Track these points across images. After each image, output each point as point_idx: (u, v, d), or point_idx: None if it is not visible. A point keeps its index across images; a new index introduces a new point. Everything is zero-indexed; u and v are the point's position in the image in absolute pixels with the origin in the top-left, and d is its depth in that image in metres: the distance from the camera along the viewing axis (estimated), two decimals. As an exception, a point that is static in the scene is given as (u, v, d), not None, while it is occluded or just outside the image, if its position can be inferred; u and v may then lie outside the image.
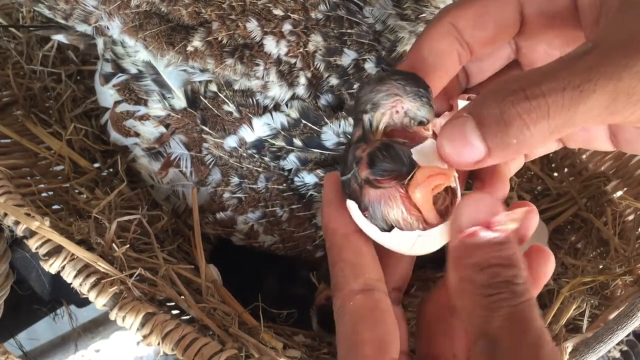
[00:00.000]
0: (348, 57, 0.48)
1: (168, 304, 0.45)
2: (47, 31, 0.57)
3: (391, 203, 0.27)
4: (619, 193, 0.67)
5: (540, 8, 0.29)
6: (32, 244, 0.42)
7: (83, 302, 0.57)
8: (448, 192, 0.28)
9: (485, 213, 0.25)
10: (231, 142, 0.50)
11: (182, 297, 0.45)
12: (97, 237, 0.44)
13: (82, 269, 0.41)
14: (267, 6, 0.48)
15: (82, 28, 0.54)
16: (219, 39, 0.48)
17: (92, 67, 0.64)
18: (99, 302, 0.41)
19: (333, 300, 0.28)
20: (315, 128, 0.48)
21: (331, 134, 0.48)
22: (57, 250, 0.42)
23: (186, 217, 0.56)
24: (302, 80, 0.48)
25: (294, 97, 0.49)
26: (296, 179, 0.50)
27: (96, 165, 0.60)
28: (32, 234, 0.42)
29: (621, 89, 0.24)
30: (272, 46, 0.48)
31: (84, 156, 0.58)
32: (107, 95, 0.55)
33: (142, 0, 0.50)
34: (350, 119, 0.48)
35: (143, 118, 0.53)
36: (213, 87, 0.50)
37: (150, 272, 0.44)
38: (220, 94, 0.50)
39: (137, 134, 0.54)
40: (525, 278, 0.24)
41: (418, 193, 0.27)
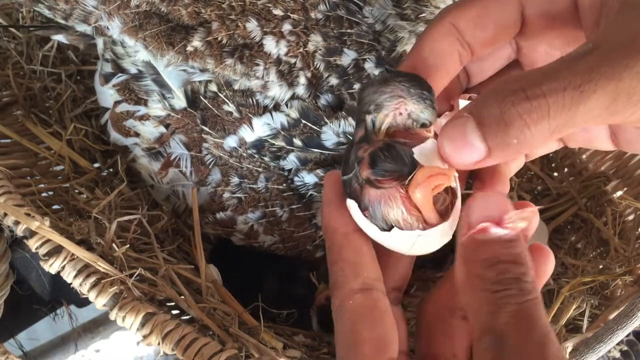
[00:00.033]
0: (348, 57, 0.48)
1: (168, 304, 0.45)
2: (47, 31, 0.57)
3: (391, 203, 0.27)
4: (619, 193, 0.67)
5: (541, 8, 0.29)
6: (32, 244, 0.42)
7: (83, 302, 0.57)
8: (448, 192, 0.28)
9: (496, 210, 0.25)
10: (231, 142, 0.50)
11: (182, 297, 0.45)
12: (97, 237, 0.44)
13: (82, 269, 0.41)
14: (267, 6, 0.48)
15: (82, 28, 0.54)
16: (219, 39, 0.48)
17: (92, 67, 0.64)
18: (99, 302, 0.41)
19: (332, 299, 0.28)
20: (315, 128, 0.48)
21: (331, 134, 0.48)
22: (57, 250, 0.42)
23: (186, 217, 0.56)
24: (302, 80, 0.48)
25: (294, 97, 0.49)
26: (296, 179, 0.50)
27: (96, 165, 0.60)
28: (32, 234, 0.42)
29: (621, 90, 0.24)
30: (272, 46, 0.48)
31: (84, 156, 0.58)
32: (107, 95, 0.55)
33: (142, 0, 0.50)
34: (350, 119, 0.48)
35: (143, 118, 0.53)
36: (213, 87, 0.50)
37: (150, 272, 0.44)
38: (220, 94, 0.50)
39: (137, 134, 0.54)
40: (532, 276, 0.24)
41: (418, 193, 0.27)
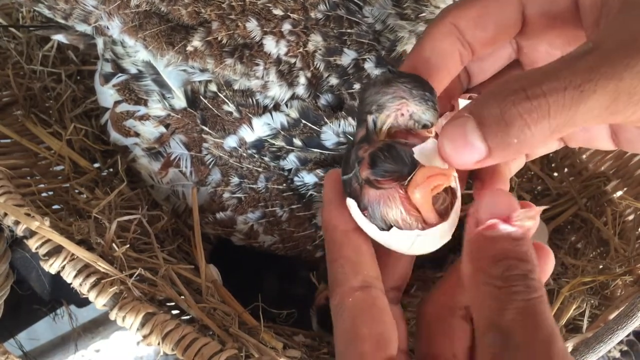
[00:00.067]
0: (348, 57, 0.48)
1: (168, 304, 0.45)
2: (47, 31, 0.57)
3: (390, 203, 0.27)
4: (619, 193, 0.67)
5: (541, 8, 0.29)
6: (32, 244, 0.42)
7: (83, 302, 0.57)
8: (448, 193, 0.28)
9: (504, 208, 0.25)
10: (231, 142, 0.50)
11: (182, 297, 0.45)
12: (97, 237, 0.44)
13: (82, 269, 0.41)
14: (267, 6, 0.48)
15: (82, 28, 0.54)
16: (219, 39, 0.48)
17: (92, 67, 0.64)
18: (99, 302, 0.41)
19: (331, 297, 0.28)
20: (315, 128, 0.48)
21: (331, 134, 0.48)
22: (57, 250, 0.42)
23: (186, 217, 0.56)
24: (302, 80, 0.48)
25: (294, 97, 0.49)
26: (296, 179, 0.50)
27: (96, 165, 0.60)
28: (32, 234, 0.42)
29: (622, 89, 0.24)
30: (272, 46, 0.48)
31: (84, 156, 0.58)
32: (107, 95, 0.55)
33: (142, 0, 0.50)
34: (350, 119, 0.48)
35: (143, 118, 0.53)
36: (213, 87, 0.50)
37: (150, 272, 0.44)
38: (220, 94, 0.50)
39: (137, 134, 0.54)
40: (539, 275, 0.24)
41: (417, 193, 0.27)
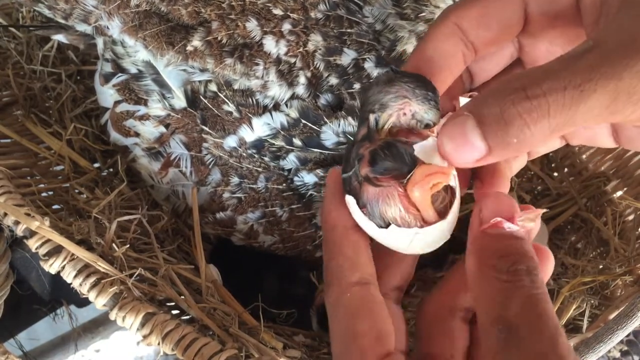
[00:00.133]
0: (348, 57, 0.48)
1: (168, 304, 0.45)
2: (47, 31, 0.57)
3: (389, 201, 0.27)
4: (619, 193, 0.67)
5: (543, 7, 0.29)
6: (32, 244, 0.42)
7: (83, 302, 0.57)
8: (447, 192, 0.28)
9: (507, 209, 0.26)
10: (231, 142, 0.50)
11: (182, 297, 0.45)
12: (97, 237, 0.44)
13: (82, 269, 0.41)
14: (267, 6, 0.48)
15: (82, 28, 0.54)
16: (219, 39, 0.48)
17: (92, 67, 0.64)
18: (99, 302, 0.41)
19: (327, 293, 0.28)
20: (314, 128, 0.48)
21: (331, 134, 0.48)
22: (57, 250, 0.42)
23: (186, 217, 0.56)
24: (302, 79, 0.48)
25: (294, 97, 0.49)
26: (296, 179, 0.50)
27: (96, 165, 0.60)
28: (32, 234, 0.42)
29: (622, 89, 0.24)
30: (272, 46, 0.48)
31: (84, 156, 0.58)
32: (107, 95, 0.55)
33: (142, 0, 0.50)
34: (349, 119, 0.48)
35: (143, 118, 0.53)
36: (213, 87, 0.50)
37: (150, 272, 0.44)
38: (220, 94, 0.50)
39: (137, 134, 0.54)
40: (541, 274, 0.25)
41: (416, 191, 0.27)
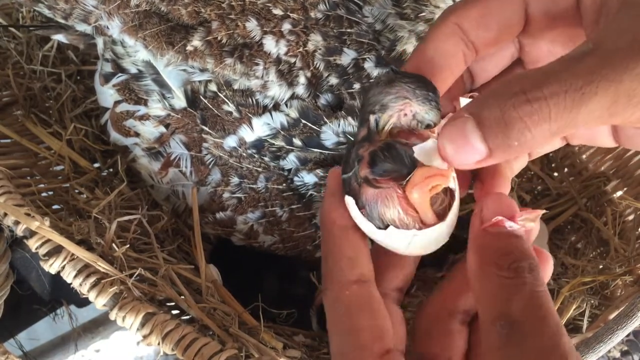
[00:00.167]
0: (348, 57, 0.48)
1: (168, 304, 0.45)
2: (47, 31, 0.57)
3: (388, 202, 0.27)
4: (619, 193, 0.67)
5: (544, 7, 0.29)
6: (32, 244, 0.42)
7: (83, 302, 0.57)
8: (446, 194, 0.28)
9: (507, 209, 0.26)
10: (231, 142, 0.50)
11: (182, 297, 0.45)
12: (97, 237, 0.44)
13: (82, 269, 0.41)
14: (267, 6, 0.48)
15: (82, 28, 0.54)
16: (219, 39, 0.48)
17: (92, 67, 0.64)
18: (99, 302, 0.41)
19: (325, 291, 0.28)
20: (314, 128, 0.48)
21: (331, 134, 0.48)
22: (57, 250, 0.42)
23: (186, 217, 0.56)
24: (302, 79, 0.48)
25: (294, 97, 0.49)
26: (296, 179, 0.50)
27: (96, 165, 0.60)
28: (32, 234, 0.42)
29: (622, 92, 0.24)
30: (272, 46, 0.48)
31: (84, 156, 0.58)
32: (107, 95, 0.55)
33: (142, 0, 0.50)
34: (349, 119, 0.48)
35: (143, 118, 0.53)
36: (213, 87, 0.50)
37: (150, 272, 0.44)
38: (220, 94, 0.50)
39: (137, 134, 0.54)
40: (541, 273, 0.25)
41: (415, 193, 0.27)
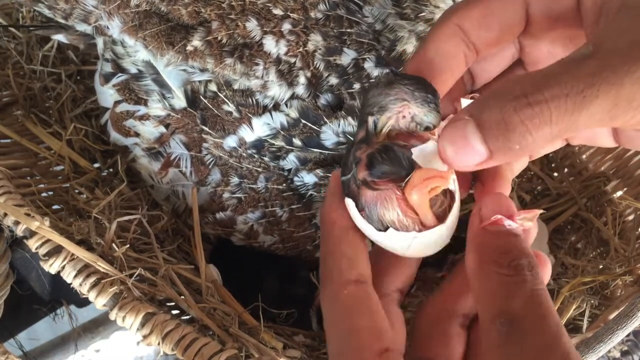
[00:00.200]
0: (348, 57, 0.48)
1: (168, 304, 0.44)
2: (47, 31, 0.57)
3: (387, 205, 0.27)
4: (619, 193, 0.67)
5: (545, 7, 0.29)
6: (32, 244, 0.42)
7: (83, 302, 0.57)
8: (446, 195, 0.28)
9: (506, 208, 0.26)
10: (231, 142, 0.50)
11: (182, 297, 0.45)
12: (97, 237, 0.44)
13: (82, 269, 0.41)
14: (267, 6, 0.48)
15: (82, 28, 0.54)
16: (219, 39, 0.48)
17: (92, 67, 0.64)
18: (99, 302, 0.41)
19: (322, 289, 0.28)
20: (314, 128, 0.48)
21: (330, 134, 0.48)
22: (57, 250, 0.42)
23: (186, 217, 0.56)
24: (302, 79, 0.48)
25: (294, 97, 0.49)
26: (296, 179, 0.50)
27: (96, 165, 0.60)
28: (32, 234, 0.42)
29: (622, 95, 0.24)
30: (272, 46, 0.48)
31: (84, 156, 0.58)
32: (107, 95, 0.55)
33: (142, 0, 0.50)
34: (349, 119, 0.48)
35: (143, 118, 0.53)
36: (213, 87, 0.50)
37: (150, 272, 0.44)
38: (220, 94, 0.50)
39: (137, 134, 0.54)
40: (540, 272, 0.25)
41: (414, 195, 0.27)
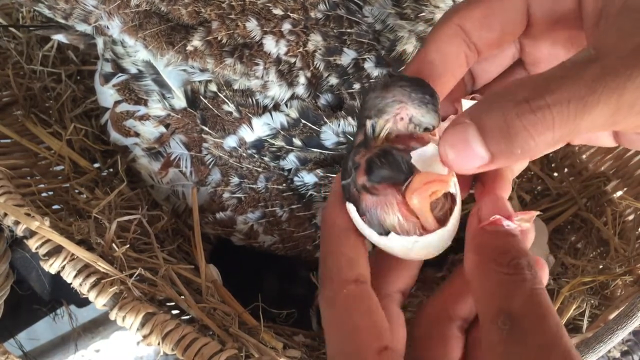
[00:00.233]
0: (348, 57, 0.48)
1: (168, 304, 0.45)
2: (47, 31, 0.57)
3: (388, 209, 0.27)
4: (619, 193, 0.67)
5: (546, 8, 0.29)
6: (32, 244, 0.42)
7: (83, 302, 0.57)
8: (447, 198, 0.28)
9: (504, 209, 0.27)
10: (231, 142, 0.50)
11: (182, 297, 0.45)
12: (97, 237, 0.44)
13: (82, 269, 0.41)
14: (267, 6, 0.48)
15: (82, 28, 0.54)
16: (219, 39, 0.48)
17: (92, 67, 0.64)
18: (99, 302, 0.41)
19: (322, 289, 0.28)
20: (314, 128, 0.48)
21: (330, 134, 0.48)
22: (57, 250, 0.42)
23: (186, 217, 0.56)
24: (302, 79, 0.48)
25: (294, 97, 0.49)
26: (296, 179, 0.50)
27: (96, 165, 0.60)
28: (32, 234, 0.42)
29: (624, 101, 0.24)
30: (272, 46, 0.48)
31: (84, 156, 0.58)
32: (107, 95, 0.55)
33: (142, 0, 0.50)
34: (349, 119, 0.48)
35: (143, 118, 0.53)
36: (213, 87, 0.50)
37: (150, 272, 0.44)
38: (220, 94, 0.50)
39: (137, 134, 0.54)
40: (539, 272, 0.25)
41: (415, 199, 0.27)
